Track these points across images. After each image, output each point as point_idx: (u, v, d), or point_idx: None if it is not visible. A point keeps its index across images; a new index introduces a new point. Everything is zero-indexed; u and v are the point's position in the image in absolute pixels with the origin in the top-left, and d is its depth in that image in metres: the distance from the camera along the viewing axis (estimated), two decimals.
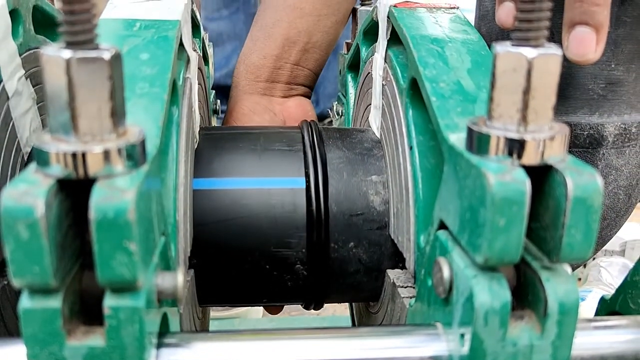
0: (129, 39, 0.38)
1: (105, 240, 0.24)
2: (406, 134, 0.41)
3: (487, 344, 0.28)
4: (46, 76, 0.25)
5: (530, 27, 0.27)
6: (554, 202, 0.28)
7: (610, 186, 0.46)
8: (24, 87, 0.44)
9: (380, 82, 0.48)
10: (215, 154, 0.46)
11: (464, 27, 0.43)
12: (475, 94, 0.36)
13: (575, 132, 0.45)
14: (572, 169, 0.27)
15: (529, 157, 0.28)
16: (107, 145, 0.26)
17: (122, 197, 0.24)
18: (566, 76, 0.44)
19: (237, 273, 0.45)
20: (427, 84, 0.36)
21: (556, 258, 0.28)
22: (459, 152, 0.30)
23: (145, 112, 0.32)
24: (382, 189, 0.46)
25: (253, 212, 0.44)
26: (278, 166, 0.46)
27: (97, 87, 0.25)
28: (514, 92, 0.28)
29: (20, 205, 0.24)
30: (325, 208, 0.45)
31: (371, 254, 0.45)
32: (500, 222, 0.26)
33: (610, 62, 0.43)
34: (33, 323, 0.25)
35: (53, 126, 0.26)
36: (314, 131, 0.49)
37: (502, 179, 0.26)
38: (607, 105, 0.44)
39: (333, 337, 0.32)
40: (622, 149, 0.45)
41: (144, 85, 0.34)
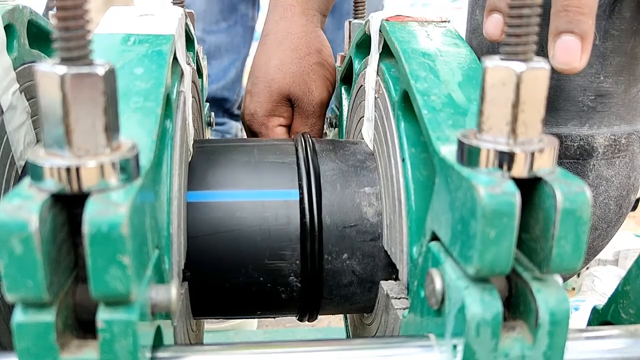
0: (124, 54, 0.38)
1: (99, 254, 0.24)
2: (398, 146, 0.41)
3: (479, 355, 0.28)
4: (41, 91, 0.26)
5: (519, 41, 0.28)
6: (543, 214, 0.28)
7: (601, 197, 0.47)
8: (19, 101, 0.45)
9: (372, 95, 0.48)
10: (209, 167, 0.46)
11: (455, 40, 0.43)
12: (466, 106, 0.36)
13: (566, 144, 0.45)
14: (561, 181, 0.28)
15: (519, 169, 0.28)
16: (101, 159, 0.26)
17: (115, 211, 0.25)
18: (556, 88, 0.45)
19: (230, 285, 0.45)
20: (418, 97, 0.37)
21: (546, 269, 0.28)
22: (450, 165, 0.30)
23: (139, 126, 0.33)
24: (375, 200, 0.46)
25: (247, 224, 0.44)
26: (271, 178, 0.46)
27: (91, 102, 0.26)
28: (504, 106, 0.28)
29: (14, 219, 0.24)
30: (318, 220, 0.45)
31: (365, 265, 0.46)
32: (491, 233, 0.27)
33: (599, 75, 0.44)
34: (26, 337, 0.25)
35: (47, 141, 0.26)
36: (308, 143, 0.49)
37: (493, 192, 0.27)
38: (597, 117, 0.45)
39: (327, 349, 0.32)
40: (612, 160, 0.45)
41: (138, 100, 0.34)
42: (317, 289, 0.46)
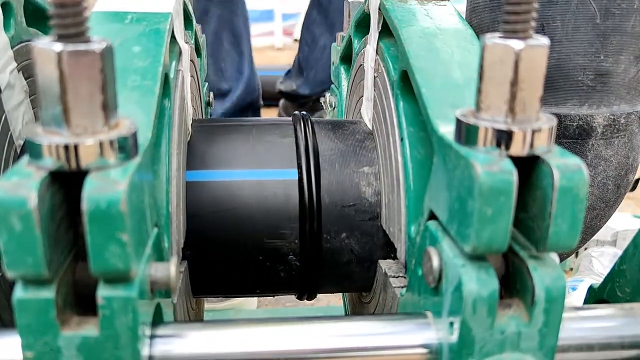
0: (121, 32, 0.38)
1: (97, 231, 0.25)
2: (397, 126, 0.41)
3: (476, 332, 0.29)
4: (38, 69, 0.25)
5: (518, 19, 0.28)
6: (541, 192, 0.28)
7: (599, 177, 0.47)
8: (16, 80, 0.44)
9: (372, 74, 0.48)
10: (208, 146, 0.46)
11: (455, 19, 0.43)
12: (465, 85, 0.36)
13: (565, 124, 0.45)
14: (558, 160, 0.28)
15: (517, 148, 0.28)
16: (99, 137, 0.26)
17: (114, 188, 0.25)
18: (555, 68, 0.44)
19: (230, 264, 0.45)
20: (417, 75, 0.37)
21: (543, 247, 0.28)
22: (448, 144, 0.30)
23: (137, 105, 0.33)
24: (374, 180, 0.46)
25: (246, 203, 0.44)
26: (271, 158, 0.46)
27: (88, 80, 0.26)
28: (502, 84, 0.28)
29: (13, 197, 0.24)
30: (317, 199, 0.45)
31: (363, 244, 0.46)
32: (488, 211, 0.27)
33: (599, 54, 0.43)
34: (27, 313, 0.26)
35: (45, 119, 0.26)
36: (306, 123, 0.49)
37: (490, 170, 0.27)
38: (596, 97, 0.45)
39: (325, 325, 0.33)
40: (610, 140, 0.45)
41: (136, 78, 0.34)
42: (316, 268, 0.46)
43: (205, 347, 0.31)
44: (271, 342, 0.32)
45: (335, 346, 0.32)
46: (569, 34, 0.43)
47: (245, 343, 0.31)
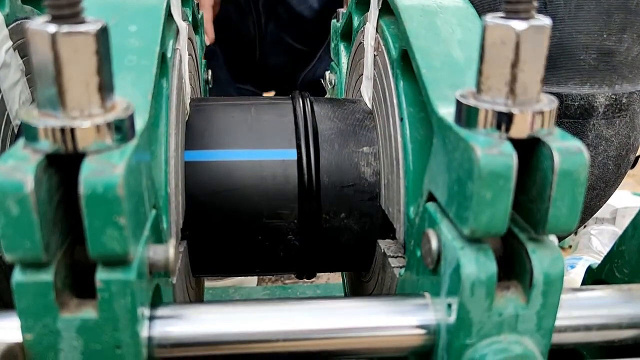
0: (117, 11, 0.37)
1: (95, 215, 0.25)
2: (397, 106, 0.41)
3: (474, 314, 0.29)
4: (32, 51, 0.25)
5: None
6: (541, 175, 0.28)
7: (600, 157, 0.47)
8: (12, 59, 0.44)
9: (372, 53, 0.48)
10: (207, 126, 0.46)
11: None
12: (465, 65, 0.36)
13: (566, 103, 0.45)
14: (559, 142, 0.27)
15: (517, 130, 0.28)
16: (95, 120, 0.26)
17: (111, 171, 0.25)
18: (557, 46, 0.44)
19: (229, 244, 0.45)
20: (417, 55, 0.36)
21: (542, 230, 0.28)
22: (448, 125, 0.30)
23: (134, 85, 0.32)
24: (373, 160, 0.46)
25: (245, 183, 0.44)
26: (269, 138, 0.46)
27: (83, 61, 0.25)
28: (503, 66, 0.28)
29: (10, 180, 0.24)
30: (316, 179, 0.45)
31: (362, 224, 0.46)
32: (487, 195, 0.27)
33: (602, 32, 0.43)
34: (26, 296, 0.26)
35: (41, 101, 0.26)
36: (306, 102, 0.49)
37: (490, 153, 0.27)
38: (599, 76, 0.44)
39: (324, 305, 0.33)
40: (612, 120, 0.45)
41: (132, 58, 0.34)
42: (315, 248, 0.46)
43: (204, 327, 0.31)
44: (269, 321, 0.32)
45: (334, 326, 0.32)
46: (571, 12, 0.42)
47: (243, 323, 0.32)
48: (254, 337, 0.31)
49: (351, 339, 0.32)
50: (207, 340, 0.31)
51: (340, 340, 0.32)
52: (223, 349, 0.31)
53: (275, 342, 0.31)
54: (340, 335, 0.32)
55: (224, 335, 0.31)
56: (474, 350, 0.29)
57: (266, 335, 0.31)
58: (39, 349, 0.27)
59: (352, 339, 0.32)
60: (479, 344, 0.29)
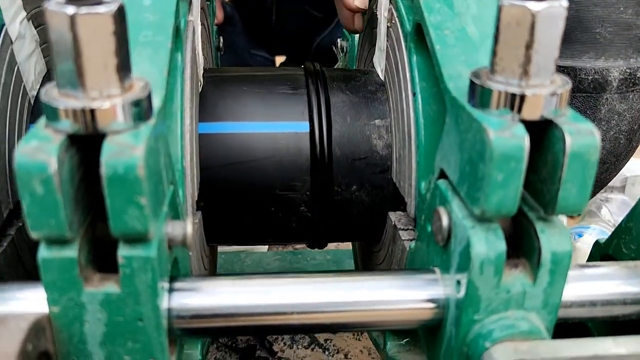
0: None
1: (116, 195, 0.25)
2: (410, 80, 0.41)
3: (482, 291, 0.29)
4: (51, 31, 0.25)
5: None
6: (552, 157, 0.28)
7: (612, 131, 0.47)
8: (27, 30, 0.44)
9: (385, 24, 0.47)
10: (220, 98, 0.46)
11: None
12: (479, 41, 0.36)
13: (580, 77, 0.44)
14: (571, 125, 0.28)
15: (529, 112, 0.28)
16: (114, 100, 0.26)
17: (131, 153, 0.25)
18: (573, 19, 0.43)
19: (243, 215, 0.46)
20: (431, 30, 0.36)
21: (551, 211, 0.29)
22: (461, 105, 0.30)
23: (150, 62, 0.33)
24: (385, 133, 0.46)
25: (258, 155, 0.45)
26: (282, 110, 0.46)
27: (102, 42, 0.25)
28: (517, 47, 0.28)
29: (34, 161, 0.25)
30: (328, 152, 0.45)
31: (373, 196, 0.47)
32: (499, 177, 0.27)
33: (619, 5, 0.42)
34: (52, 271, 0.27)
35: (60, 81, 0.26)
36: (318, 73, 0.49)
37: (502, 135, 0.27)
38: (614, 49, 0.44)
39: (337, 280, 0.34)
40: (625, 94, 0.45)
41: (148, 34, 0.34)
42: (326, 219, 0.47)
43: (221, 299, 0.32)
44: (283, 294, 0.33)
45: (346, 299, 0.33)
46: None
47: (259, 295, 0.33)
48: (269, 310, 0.32)
49: (363, 312, 0.33)
50: (225, 312, 0.32)
51: (352, 313, 0.33)
52: (239, 321, 0.32)
53: (288, 314, 0.32)
54: (352, 308, 0.33)
55: (240, 307, 0.32)
56: (481, 326, 0.30)
57: (280, 307, 0.32)
58: (65, 320, 0.28)
59: (364, 312, 0.33)
60: (486, 319, 0.30)
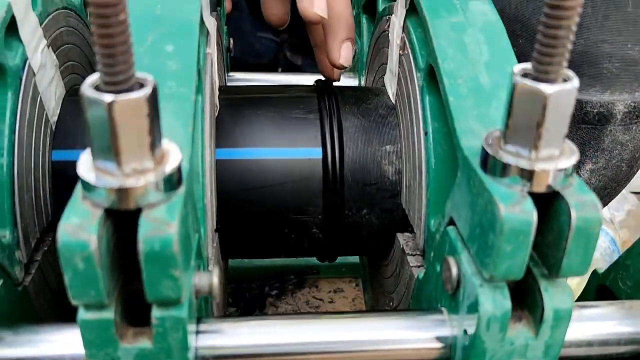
0: (153, 26, 0.38)
1: (152, 268, 0.27)
2: (422, 119, 0.42)
3: (488, 344, 0.32)
4: (88, 115, 0.27)
5: (552, 61, 0.28)
6: (557, 225, 0.30)
7: (614, 160, 0.48)
8: (47, 58, 0.45)
9: (397, 51, 0.48)
10: (235, 123, 0.48)
11: (484, 5, 0.42)
12: (491, 92, 0.37)
13: (585, 110, 0.46)
14: (577, 198, 0.29)
15: (538, 185, 0.30)
16: (148, 177, 0.28)
17: (166, 230, 0.27)
18: (581, 54, 0.44)
19: (257, 236, 0.48)
20: (445, 79, 0.37)
21: (555, 274, 0.31)
22: (473, 169, 0.32)
23: (175, 117, 0.34)
24: (395, 159, 0.48)
25: (273, 181, 0.47)
26: (296, 135, 0.48)
27: (137, 124, 0.27)
28: (529, 123, 0.29)
29: (76, 240, 0.26)
30: (340, 178, 0.47)
31: (383, 219, 0.49)
32: (507, 248, 0.29)
33: (627, 42, 0.43)
34: (90, 331, 0.29)
35: (96, 155, 0.28)
36: (330, 95, 0.50)
37: (512, 211, 0.29)
38: (619, 84, 0.45)
39: (352, 320, 0.36)
40: (629, 126, 0.46)
41: (172, 85, 0.35)
42: (337, 240, 0.49)
43: (247, 341, 0.34)
44: (300, 335, 0.35)
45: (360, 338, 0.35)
46: (598, 21, 0.43)
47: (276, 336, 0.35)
48: (286, 350, 0.35)
49: (375, 352, 0.35)
50: (247, 353, 0.34)
51: (365, 353, 0.35)
52: None
53: (305, 354, 0.35)
54: (366, 347, 0.35)
55: (259, 347, 0.35)
56: None
57: (297, 347, 0.35)
58: None
59: (377, 352, 0.35)
60: None
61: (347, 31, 0.54)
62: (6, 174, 0.38)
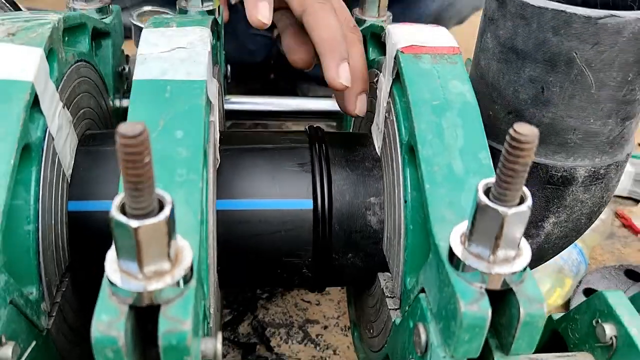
0: (163, 110, 0.42)
1: (170, 357, 0.33)
2: (402, 188, 0.47)
3: None
4: (116, 232, 0.32)
5: (509, 188, 0.33)
6: (509, 314, 0.36)
7: (575, 214, 0.54)
8: (63, 118, 0.49)
9: (383, 113, 0.53)
10: (235, 176, 0.52)
11: (463, 85, 0.47)
12: (463, 178, 0.42)
13: (551, 173, 0.51)
14: (526, 297, 0.35)
15: (494, 284, 0.35)
16: (166, 280, 0.33)
17: (181, 328, 0.32)
18: (549, 126, 0.49)
19: (252, 275, 0.54)
20: (422, 165, 0.42)
21: (506, 352, 0.37)
22: (442, 260, 0.37)
23: (186, 204, 0.39)
24: (378, 209, 0.53)
25: (269, 230, 0.52)
26: (289, 188, 0.53)
27: (158, 241, 0.32)
28: (489, 235, 0.34)
29: (107, 336, 0.32)
30: (329, 227, 0.52)
31: (366, 262, 0.54)
32: (465, 337, 0.35)
33: (589, 118, 0.48)
34: None
35: (121, 257, 0.33)
36: (322, 148, 0.55)
37: (470, 309, 0.34)
38: (582, 152, 0.50)
39: None
40: (589, 187, 0.52)
41: (182, 172, 0.40)
42: (324, 278, 0.55)
43: None
44: None
45: None
46: (565, 99, 0.47)
47: None
48: None
49: None
50: None
51: None
52: None
53: None
54: None
55: None
56: None
57: None
58: None
59: None
60: None
61: (363, 84, 0.56)
62: (32, 240, 0.43)
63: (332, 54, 0.51)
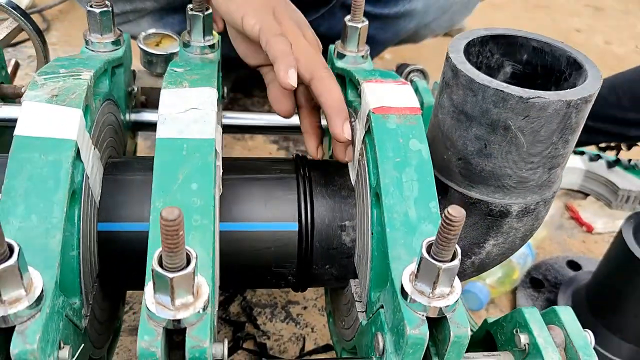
0: (181, 167, 0.53)
1: None
2: (370, 222, 0.59)
3: None
4: (156, 276, 0.43)
5: (445, 247, 0.45)
6: (443, 334, 0.49)
7: (510, 238, 0.66)
8: (94, 158, 0.60)
9: (358, 152, 0.64)
10: (234, 202, 0.64)
11: (420, 144, 0.58)
12: (416, 225, 0.54)
13: (490, 207, 0.63)
14: (455, 323, 0.48)
15: (433, 313, 0.48)
16: (190, 309, 0.45)
17: (202, 346, 0.45)
18: (490, 173, 0.61)
19: (247, 280, 0.66)
20: (385, 213, 0.54)
21: (441, 359, 0.50)
22: (396, 292, 0.50)
23: (201, 245, 0.50)
24: (352, 231, 0.65)
25: (262, 247, 0.64)
26: (279, 212, 0.64)
27: (186, 284, 0.44)
28: (429, 278, 0.47)
29: (149, 352, 0.44)
30: (311, 245, 0.64)
31: (340, 271, 0.67)
32: (410, 351, 0.48)
33: (522, 168, 0.60)
34: None
35: (157, 291, 0.45)
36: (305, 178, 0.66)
37: (414, 332, 0.47)
38: (515, 193, 0.62)
39: None
40: (522, 218, 0.64)
41: (197, 218, 0.51)
42: (306, 282, 0.68)
43: None
44: None
45: None
46: (502, 154, 0.59)
47: None
48: None
49: None
50: None
51: None
52: None
53: None
54: None
55: None
56: None
57: None
58: None
59: None
60: None
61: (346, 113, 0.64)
62: (76, 263, 0.54)
63: (339, 115, 0.62)
